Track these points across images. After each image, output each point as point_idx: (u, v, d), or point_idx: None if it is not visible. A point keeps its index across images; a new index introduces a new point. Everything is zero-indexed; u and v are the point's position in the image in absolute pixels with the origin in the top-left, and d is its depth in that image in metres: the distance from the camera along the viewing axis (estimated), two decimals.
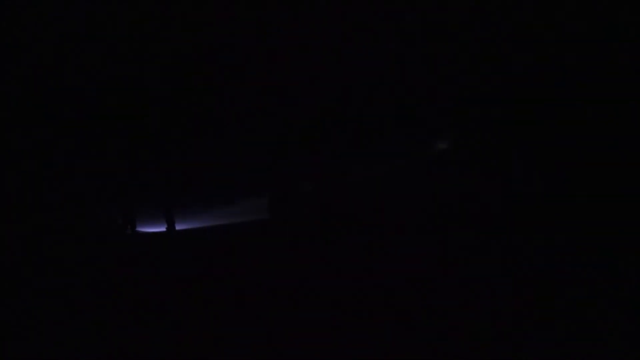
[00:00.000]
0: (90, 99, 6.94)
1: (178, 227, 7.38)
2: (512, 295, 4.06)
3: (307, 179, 7.02)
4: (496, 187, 6.85)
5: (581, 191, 5.97)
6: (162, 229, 7.36)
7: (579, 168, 6.43)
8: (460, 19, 7.13)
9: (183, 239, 7.05)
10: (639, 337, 3.27)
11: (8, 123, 6.67)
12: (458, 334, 3.48)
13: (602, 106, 6.55)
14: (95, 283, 5.15)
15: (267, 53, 6.96)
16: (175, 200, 7.27)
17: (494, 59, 7.19)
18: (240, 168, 7.27)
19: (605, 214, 5.37)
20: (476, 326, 3.57)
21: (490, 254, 4.98)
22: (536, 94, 7.09)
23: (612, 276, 4.18)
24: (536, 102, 7.05)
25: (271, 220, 7.09)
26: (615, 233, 4.95)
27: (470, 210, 6.27)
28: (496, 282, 4.32)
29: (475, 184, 7.13)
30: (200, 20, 6.76)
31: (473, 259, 4.89)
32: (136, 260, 5.97)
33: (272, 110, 7.10)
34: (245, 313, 4.16)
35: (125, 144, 7.16)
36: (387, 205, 7.02)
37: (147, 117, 7.12)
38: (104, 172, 7.12)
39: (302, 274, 4.89)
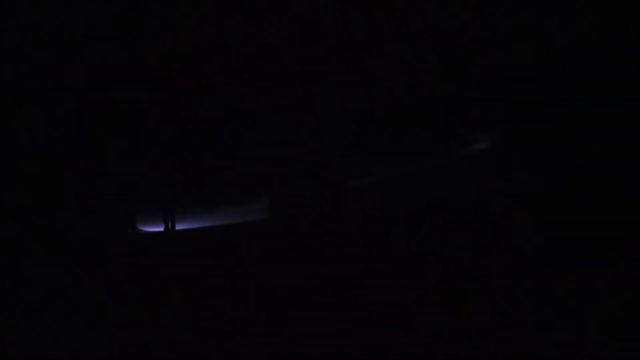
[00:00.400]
0: (92, 99, 6.94)
1: (178, 227, 7.38)
2: (512, 295, 4.06)
3: (306, 180, 7.01)
4: (496, 187, 6.85)
5: (581, 191, 5.97)
6: (162, 229, 7.36)
7: (578, 168, 6.43)
8: (456, 20, 7.12)
9: (183, 239, 7.05)
10: (639, 337, 3.27)
11: (10, 124, 6.67)
12: (458, 333, 3.48)
13: (604, 107, 6.55)
14: (96, 282, 5.15)
15: (269, 54, 6.95)
16: (176, 200, 7.27)
17: (492, 60, 7.19)
18: (240, 169, 7.28)
19: (606, 214, 5.36)
20: (476, 326, 3.57)
21: (490, 254, 4.98)
22: (537, 94, 7.09)
23: (612, 276, 4.18)
24: (535, 103, 7.05)
25: (271, 221, 7.08)
26: (615, 233, 4.94)
27: (470, 210, 6.26)
28: (496, 282, 4.32)
29: (475, 183, 7.14)
30: (201, 21, 6.75)
31: (473, 259, 4.88)
32: (136, 259, 5.98)
33: (272, 111, 7.11)
34: (244, 312, 4.16)
35: (126, 144, 7.17)
36: (385, 206, 7.02)
37: (147, 118, 7.13)
38: (104, 172, 7.13)
39: (301, 274, 4.89)
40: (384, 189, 7.74)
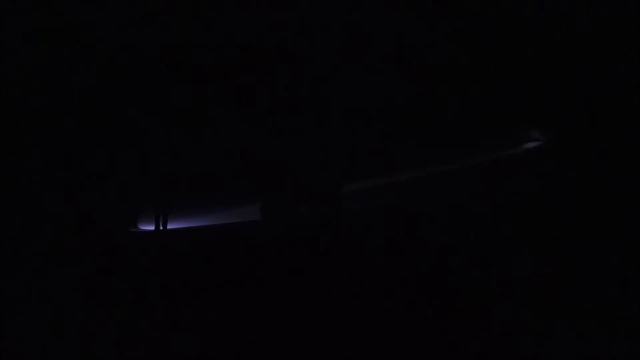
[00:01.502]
0: (89, 98, 6.96)
1: (178, 227, 7.38)
2: (513, 295, 4.05)
3: (302, 182, 6.98)
4: (496, 187, 6.83)
5: (582, 191, 5.94)
6: (161, 228, 7.36)
7: (581, 168, 6.40)
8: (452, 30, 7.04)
9: (182, 238, 7.05)
10: (639, 336, 3.25)
11: (8, 124, 6.70)
12: (458, 335, 3.47)
13: (606, 106, 6.53)
14: (95, 282, 5.17)
15: (267, 54, 6.93)
16: (175, 200, 7.27)
17: (493, 61, 7.17)
18: (238, 169, 7.26)
19: (606, 214, 5.33)
20: (477, 327, 3.56)
21: (490, 254, 4.96)
22: (539, 93, 7.07)
23: (612, 277, 4.15)
24: (536, 102, 7.03)
25: (265, 222, 7.04)
26: (616, 233, 4.91)
27: (471, 210, 6.24)
28: (497, 282, 4.31)
29: (476, 184, 7.12)
30: (200, 18, 6.74)
31: (473, 261, 4.87)
32: (135, 259, 5.99)
33: (270, 111, 7.09)
34: (242, 313, 4.17)
35: (124, 143, 7.18)
36: (385, 208, 7.00)
37: (146, 116, 7.14)
38: (103, 171, 7.13)
39: (299, 275, 4.89)
40: (384, 191, 7.73)
